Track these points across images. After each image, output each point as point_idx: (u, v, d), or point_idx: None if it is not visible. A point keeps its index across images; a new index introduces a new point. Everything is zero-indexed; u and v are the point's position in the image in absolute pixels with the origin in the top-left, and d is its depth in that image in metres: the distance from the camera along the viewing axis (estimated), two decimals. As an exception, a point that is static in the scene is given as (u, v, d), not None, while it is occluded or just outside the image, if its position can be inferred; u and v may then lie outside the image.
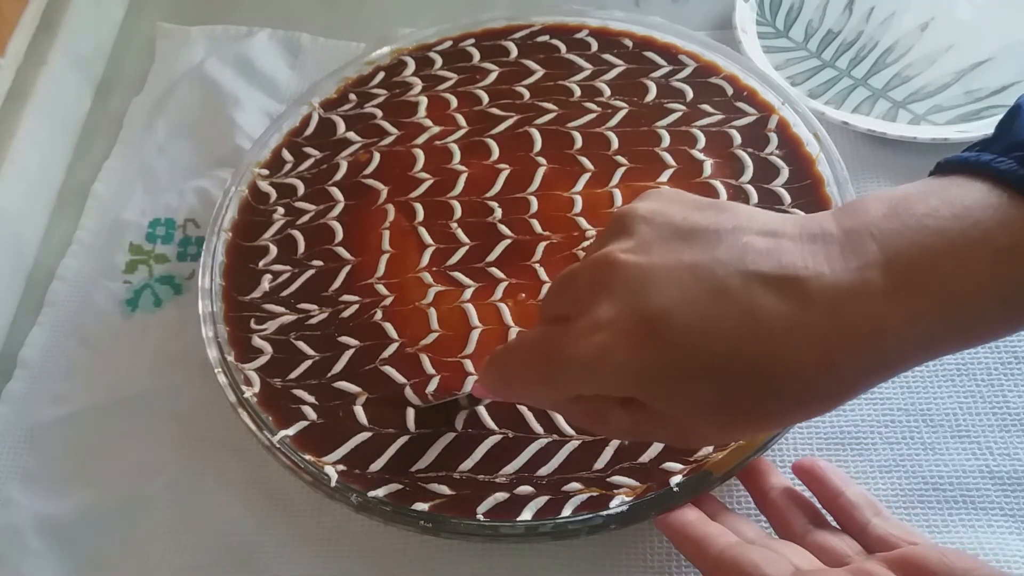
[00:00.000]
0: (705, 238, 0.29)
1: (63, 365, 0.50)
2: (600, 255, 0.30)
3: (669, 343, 0.27)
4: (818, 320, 0.26)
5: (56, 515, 0.45)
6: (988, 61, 0.56)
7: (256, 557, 0.43)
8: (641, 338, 0.28)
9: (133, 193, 0.57)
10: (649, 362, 0.28)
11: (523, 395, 0.36)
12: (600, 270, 0.30)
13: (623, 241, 0.30)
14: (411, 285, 0.47)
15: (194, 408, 0.48)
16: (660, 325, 0.27)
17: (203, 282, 0.48)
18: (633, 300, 0.28)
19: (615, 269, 0.29)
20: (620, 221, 0.31)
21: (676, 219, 0.30)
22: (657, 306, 0.28)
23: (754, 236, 0.28)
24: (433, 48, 0.58)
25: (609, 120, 0.52)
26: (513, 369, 0.33)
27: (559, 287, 0.32)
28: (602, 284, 0.29)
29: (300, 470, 0.41)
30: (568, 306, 0.31)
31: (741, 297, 0.27)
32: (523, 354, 0.33)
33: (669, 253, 0.29)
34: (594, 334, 0.29)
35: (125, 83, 0.64)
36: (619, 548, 0.41)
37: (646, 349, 0.28)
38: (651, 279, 0.28)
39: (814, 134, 0.49)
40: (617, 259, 0.29)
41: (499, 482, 0.40)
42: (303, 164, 0.53)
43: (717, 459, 0.39)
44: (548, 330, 0.32)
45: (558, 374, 0.30)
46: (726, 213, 0.30)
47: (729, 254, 0.28)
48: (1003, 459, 0.42)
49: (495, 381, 0.35)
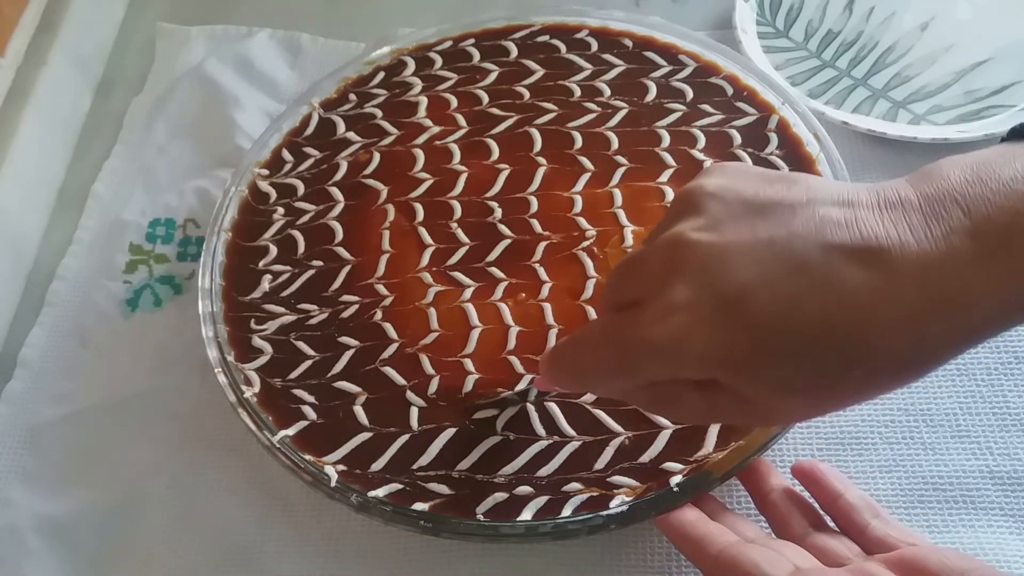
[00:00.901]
0: (779, 212, 0.28)
1: (63, 365, 0.50)
2: (670, 235, 0.29)
3: (752, 324, 0.26)
4: (905, 291, 0.25)
5: (56, 515, 0.45)
6: (988, 61, 0.56)
7: (256, 557, 0.43)
8: (722, 320, 0.27)
9: (133, 193, 0.57)
10: (733, 344, 0.27)
11: (594, 385, 0.35)
12: (672, 251, 0.29)
13: (693, 219, 0.29)
14: (411, 285, 0.47)
15: (194, 408, 0.48)
16: (741, 305, 0.27)
17: (203, 282, 0.48)
18: (710, 281, 0.27)
19: (688, 249, 0.28)
20: (688, 199, 0.30)
21: (747, 194, 0.29)
22: (736, 286, 0.27)
23: (829, 207, 0.27)
24: (433, 48, 0.58)
25: (609, 120, 0.52)
26: (585, 360, 0.32)
27: (625, 272, 0.31)
28: (675, 266, 0.28)
29: (300, 470, 0.41)
30: (638, 291, 0.30)
31: (823, 271, 0.26)
32: (595, 344, 0.31)
33: (743, 230, 0.28)
34: (671, 318, 0.28)
35: (125, 83, 0.64)
36: (619, 548, 0.41)
37: (728, 331, 0.27)
38: (727, 258, 0.27)
39: (814, 134, 0.49)
40: (689, 239, 0.28)
41: (498, 482, 0.40)
42: (303, 164, 0.53)
43: (717, 459, 0.39)
44: (618, 317, 0.30)
45: (634, 361, 0.29)
46: (797, 185, 0.29)
47: (806, 227, 0.27)
48: (1003, 459, 0.42)
49: (562, 373, 0.34)
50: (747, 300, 0.27)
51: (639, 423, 0.41)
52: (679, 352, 0.28)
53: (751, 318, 0.26)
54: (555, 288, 0.46)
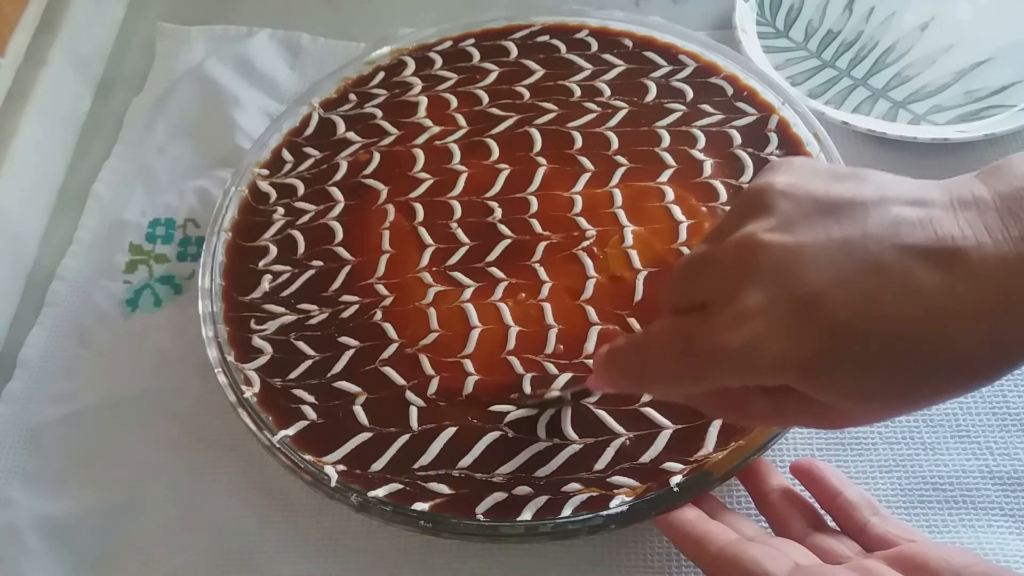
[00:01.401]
0: (851, 211, 0.27)
1: (63, 365, 0.50)
2: (741, 237, 0.28)
3: (828, 328, 0.26)
4: (984, 292, 0.25)
5: (56, 515, 0.45)
6: (988, 61, 0.56)
7: (256, 557, 0.43)
8: (798, 325, 0.26)
9: (133, 193, 0.57)
10: (809, 350, 0.26)
11: (656, 388, 0.34)
12: (744, 253, 0.28)
13: (763, 220, 0.28)
14: (411, 285, 0.47)
15: (194, 408, 0.48)
16: (817, 309, 0.26)
17: (203, 282, 0.48)
18: (784, 284, 0.27)
19: (760, 251, 0.27)
20: (756, 197, 0.29)
21: (817, 192, 0.28)
22: (811, 289, 0.26)
23: (902, 206, 0.27)
24: (433, 48, 0.58)
25: (609, 120, 0.52)
26: (649, 363, 0.31)
27: (691, 273, 0.30)
28: (747, 268, 0.28)
29: (300, 470, 0.41)
30: (706, 293, 0.29)
31: (899, 273, 0.25)
32: (661, 347, 0.31)
33: (816, 230, 0.27)
34: (745, 323, 0.27)
35: (125, 83, 0.64)
36: (619, 548, 0.41)
37: (805, 336, 0.26)
38: (801, 260, 0.27)
39: (814, 134, 0.49)
40: (761, 240, 0.28)
41: (498, 481, 0.40)
42: (303, 164, 0.53)
43: (717, 459, 0.39)
44: (686, 321, 0.29)
45: (705, 367, 0.28)
46: (867, 182, 0.28)
47: (880, 227, 0.26)
48: (1003, 459, 0.42)
49: (621, 376, 0.33)
50: (823, 304, 0.26)
51: (639, 424, 0.41)
52: (754, 359, 0.27)
53: (827, 322, 0.26)
54: (555, 288, 0.46)
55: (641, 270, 0.46)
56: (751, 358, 0.27)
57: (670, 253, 0.46)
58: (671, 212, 0.48)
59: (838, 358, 0.26)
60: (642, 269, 0.46)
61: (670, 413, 0.41)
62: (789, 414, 0.30)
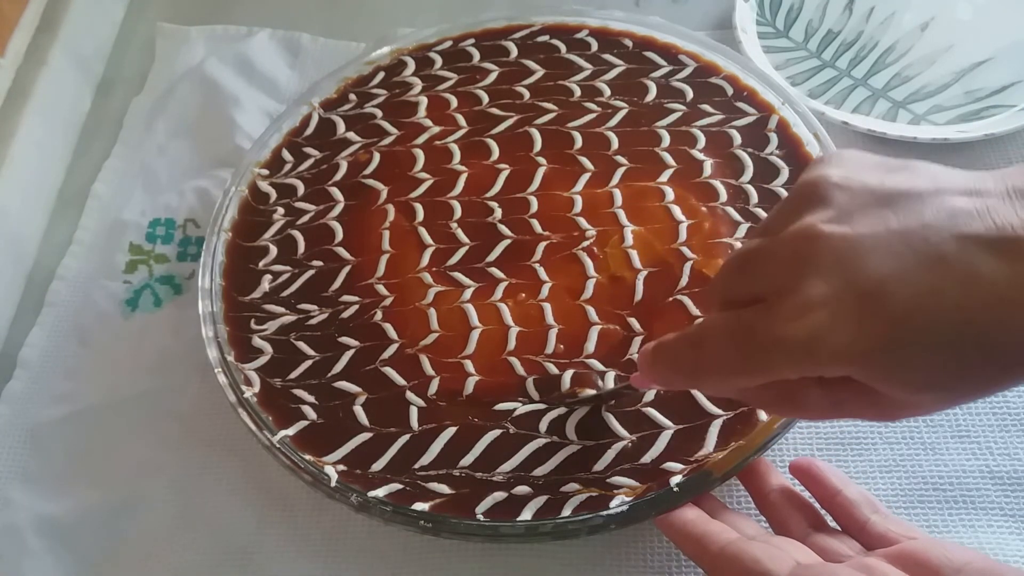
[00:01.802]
0: (908, 202, 0.27)
1: (63, 365, 0.50)
2: (800, 228, 0.28)
3: (892, 318, 0.26)
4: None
5: (56, 515, 0.45)
6: (988, 61, 0.56)
7: (256, 557, 0.43)
8: (862, 315, 0.26)
9: (133, 193, 0.57)
10: (873, 340, 0.26)
11: (710, 383, 0.34)
12: (802, 244, 0.28)
13: (821, 211, 0.28)
14: (411, 285, 0.47)
15: (194, 408, 0.48)
16: (880, 300, 0.26)
17: (203, 282, 0.48)
18: (846, 274, 0.27)
19: (820, 242, 0.27)
20: (811, 189, 0.29)
21: (872, 184, 0.28)
22: (874, 279, 0.26)
23: (958, 196, 0.27)
24: (433, 48, 0.58)
25: (609, 120, 0.52)
26: (704, 358, 0.31)
27: (746, 266, 0.30)
28: (807, 259, 0.27)
29: (300, 470, 0.41)
30: (763, 286, 0.29)
31: (960, 263, 0.26)
32: (716, 341, 0.30)
33: (874, 221, 0.27)
34: (808, 313, 0.27)
35: (125, 83, 0.64)
36: (619, 548, 0.41)
37: (869, 326, 0.26)
38: (862, 251, 0.27)
39: (814, 134, 0.49)
40: (822, 231, 0.28)
41: (498, 481, 0.40)
42: (303, 164, 0.53)
43: (717, 459, 0.39)
44: (744, 313, 0.29)
45: (764, 359, 0.28)
46: (919, 173, 0.28)
47: (938, 218, 0.26)
48: (1003, 459, 0.42)
49: (673, 372, 0.33)
50: (886, 294, 0.26)
51: (641, 425, 0.41)
52: (816, 349, 0.27)
53: (891, 312, 0.26)
54: (555, 288, 0.46)
55: (641, 270, 0.46)
56: (815, 348, 0.27)
57: (670, 253, 0.46)
58: (671, 212, 0.48)
59: (902, 348, 0.26)
60: (642, 269, 0.46)
61: (671, 414, 0.41)
62: (846, 406, 0.30)
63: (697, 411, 0.41)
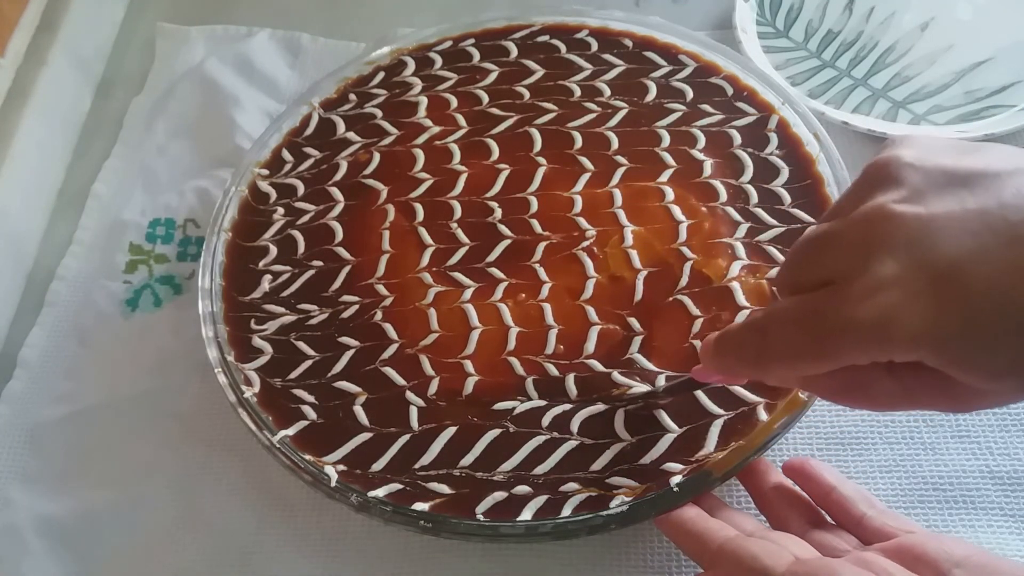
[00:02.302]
0: (985, 182, 0.27)
1: (63, 365, 0.50)
2: (870, 209, 0.28)
3: (969, 300, 0.25)
4: None
5: (56, 515, 0.45)
6: (988, 61, 0.56)
7: (256, 557, 0.43)
8: (936, 296, 0.25)
9: (133, 193, 0.57)
10: (948, 321, 0.25)
11: (776, 371, 0.32)
12: (874, 225, 0.27)
13: (893, 191, 0.28)
14: (411, 285, 0.47)
15: (194, 408, 0.48)
16: (956, 280, 0.25)
17: (203, 282, 0.48)
18: (921, 255, 0.26)
19: (892, 222, 0.27)
20: (883, 170, 0.29)
21: (946, 163, 0.28)
22: (950, 259, 0.25)
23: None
24: (433, 48, 0.58)
25: (609, 120, 0.52)
26: (770, 344, 0.30)
27: (815, 250, 0.30)
28: (879, 240, 0.27)
29: (300, 470, 0.41)
30: (832, 269, 0.28)
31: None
32: (784, 326, 0.29)
33: (949, 201, 0.27)
34: (879, 294, 0.26)
35: (125, 83, 0.64)
36: (619, 548, 0.41)
37: (944, 307, 0.25)
38: (936, 230, 0.26)
39: (814, 134, 0.49)
40: (894, 211, 0.27)
41: (498, 480, 0.40)
42: (303, 164, 0.53)
43: (717, 459, 0.39)
44: (812, 297, 0.29)
45: (836, 342, 0.27)
46: (993, 154, 0.28)
47: (1017, 198, 0.26)
48: (1003, 459, 0.42)
49: (738, 360, 0.32)
50: (963, 274, 0.25)
51: (644, 427, 0.41)
52: (888, 331, 0.26)
53: (967, 294, 0.25)
54: (555, 288, 0.46)
55: (641, 270, 0.46)
56: (887, 330, 0.26)
57: (670, 253, 0.46)
58: (671, 212, 0.48)
59: (978, 329, 0.25)
60: (642, 269, 0.46)
61: (675, 415, 0.41)
62: (918, 395, 0.29)
63: (699, 411, 0.41)
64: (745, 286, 0.44)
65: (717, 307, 0.44)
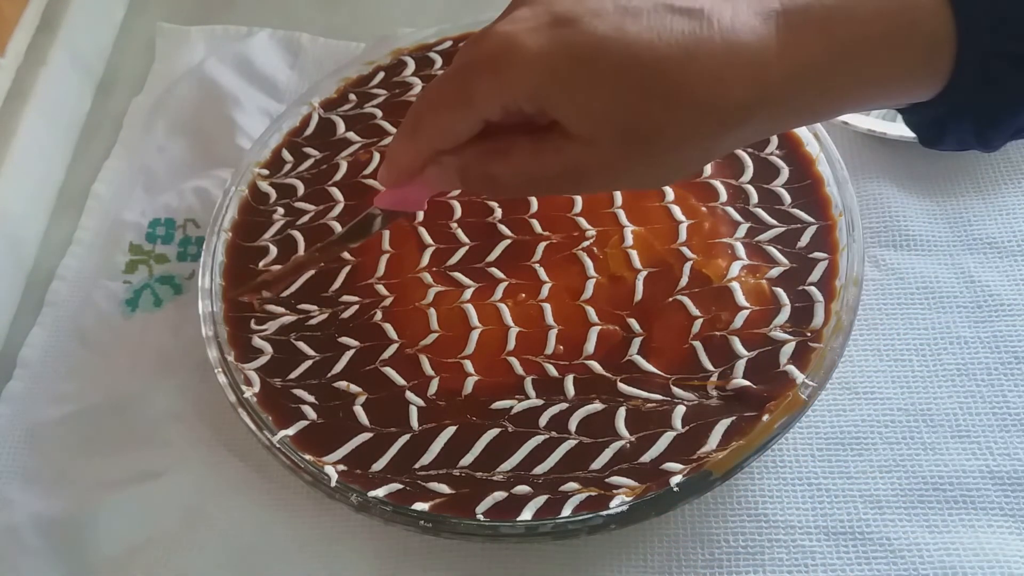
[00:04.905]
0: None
1: (63, 365, 0.50)
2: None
3: (577, 40, 0.29)
4: (715, 45, 0.29)
5: (56, 515, 0.45)
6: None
7: (256, 557, 0.43)
8: (552, 33, 0.30)
9: (133, 193, 0.57)
10: (556, 52, 0.29)
11: (427, 132, 0.33)
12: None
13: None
14: (411, 285, 0.47)
15: (194, 408, 0.48)
16: (571, 24, 0.30)
17: (203, 282, 0.48)
18: (548, 5, 0.30)
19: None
20: None
21: None
22: (570, 10, 0.30)
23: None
24: (433, 48, 0.58)
25: (609, 120, 0.52)
26: (423, 102, 0.33)
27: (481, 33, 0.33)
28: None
29: (300, 470, 0.41)
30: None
31: (652, 18, 0.29)
32: (437, 83, 0.33)
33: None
34: (505, 28, 0.30)
35: (125, 83, 0.64)
36: (619, 548, 0.41)
37: (556, 43, 0.29)
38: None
39: (814, 134, 0.49)
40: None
41: (498, 480, 0.40)
42: (303, 164, 0.53)
43: (717, 459, 0.39)
44: (459, 54, 0.32)
45: (467, 82, 0.31)
46: None
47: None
48: (1003, 459, 0.42)
49: (398, 140, 0.33)
50: (577, 21, 0.30)
51: (645, 426, 0.41)
52: (509, 56, 0.30)
53: (576, 31, 0.29)
54: (555, 288, 0.46)
55: (641, 270, 0.46)
56: (508, 54, 0.30)
57: (670, 253, 0.46)
58: (671, 212, 0.48)
59: (583, 68, 0.29)
60: (642, 269, 0.46)
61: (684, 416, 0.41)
62: (546, 159, 0.31)
63: (702, 412, 0.41)
64: (745, 286, 0.44)
65: (717, 307, 0.44)
